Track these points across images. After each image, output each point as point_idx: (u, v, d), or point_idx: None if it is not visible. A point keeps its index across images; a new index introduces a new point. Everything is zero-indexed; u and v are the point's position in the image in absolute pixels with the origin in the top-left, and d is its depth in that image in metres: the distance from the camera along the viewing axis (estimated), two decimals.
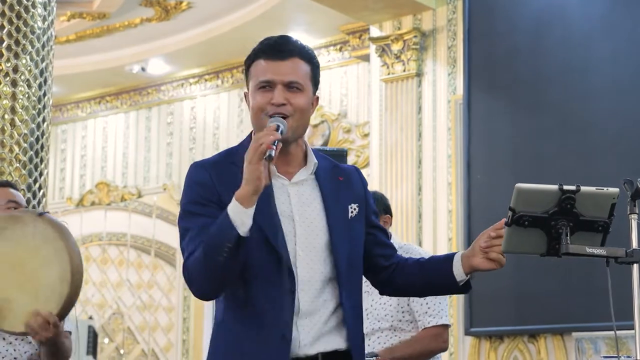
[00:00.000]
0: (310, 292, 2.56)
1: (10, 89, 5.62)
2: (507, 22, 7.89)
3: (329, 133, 10.04)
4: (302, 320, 2.54)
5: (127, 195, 11.63)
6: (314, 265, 2.57)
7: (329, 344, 2.56)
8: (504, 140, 7.69)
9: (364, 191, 2.73)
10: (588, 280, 6.63)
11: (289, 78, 2.57)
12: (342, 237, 2.60)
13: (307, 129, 2.73)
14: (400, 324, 4.05)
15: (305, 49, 2.65)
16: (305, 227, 2.58)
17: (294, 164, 2.63)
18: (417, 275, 2.72)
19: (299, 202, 2.60)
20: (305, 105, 2.58)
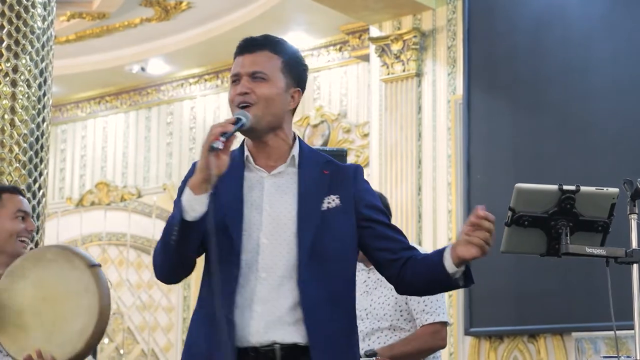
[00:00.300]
0: (269, 280, 2.59)
1: (10, 89, 5.62)
2: (507, 22, 7.88)
3: (329, 133, 10.04)
4: (258, 307, 2.57)
5: (127, 195, 11.63)
6: (278, 254, 2.60)
7: (287, 336, 2.57)
8: (503, 140, 7.68)
9: (353, 185, 2.71)
10: (588, 280, 6.63)
11: (252, 68, 2.67)
12: (308, 228, 2.61)
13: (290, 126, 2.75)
14: (399, 323, 4.06)
15: (279, 43, 2.75)
16: (274, 217, 2.63)
17: (274, 157, 2.70)
18: (420, 273, 2.68)
19: (272, 193, 2.66)
20: (270, 94, 2.65)
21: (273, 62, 2.70)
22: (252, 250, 2.61)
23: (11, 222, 3.73)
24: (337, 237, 2.66)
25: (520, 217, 3.22)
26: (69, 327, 3.34)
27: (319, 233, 2.62)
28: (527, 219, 3.22)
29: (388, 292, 4.06)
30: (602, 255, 3.27)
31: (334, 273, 2.64)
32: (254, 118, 2.63)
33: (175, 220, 2.54)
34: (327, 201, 2.66)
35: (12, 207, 3.75)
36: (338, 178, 2.71)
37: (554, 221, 3.22)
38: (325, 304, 2.60)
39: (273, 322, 2.57)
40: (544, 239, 3.26)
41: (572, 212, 3.21)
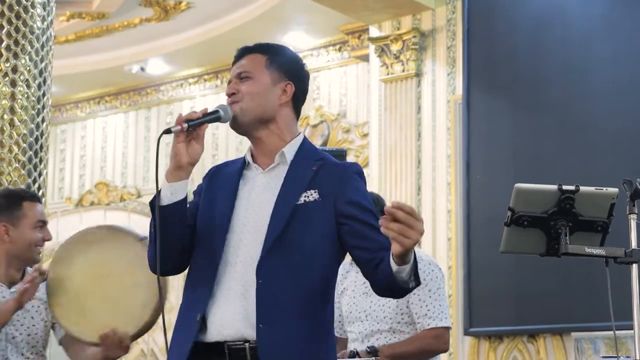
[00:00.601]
0: (245, 275, 2.59)
1: (10, 89, 5.62)
2: (507, 22, 7.88)
3: (328, 133, 10.03)
4: (234, 300, 2.58)
5: (127, 196, 11.63)
6: (252, 249, 2.62)
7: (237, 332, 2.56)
8: (503, 140, 7.68)
9: (340, 180, 2.67)
10: (587, 280, 6.63)
11: (237, 70, 2.81)
12: (278, 221, 2.61)
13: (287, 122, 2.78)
14: (399, 326, 4.05)
15: (267, 44, 2.87)
16: (257, 212, 2.66)
17: (270, 154, 2.74)
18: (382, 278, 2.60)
19: (261, 189, 2.70)
20: (252, 89, 2.73)
21: (257, 61, 2.80)
22: (235, 247, 2.64)
23: (31, 232, 3.80)
24: (308, 230, 2.62)
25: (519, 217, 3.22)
26: (132, 301, 3.44)
27: (289, 225, 2.61)
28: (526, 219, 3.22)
29: None
30: (602, 255, 3.27)
31: (301, 264, 2.60)
32: (240, 111, 2.70)
33: (152, 207, 2.61)
34: (304, 195, 2.65)
35: (33, 217, 3.81)
36: (325, 173, 2.69)
37: (553, 221, 3.22)
38: (282, 293, 2.57)
39: (245, 317, 2.56)
40: (544, 239, 3.26)
41: (571, 212, 3.21)
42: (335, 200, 2.65)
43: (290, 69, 2.80)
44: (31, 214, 3.79)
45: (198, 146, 2.62)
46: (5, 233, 3.76)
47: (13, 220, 3.78)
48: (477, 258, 7.56)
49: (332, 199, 2.65)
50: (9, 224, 3.77)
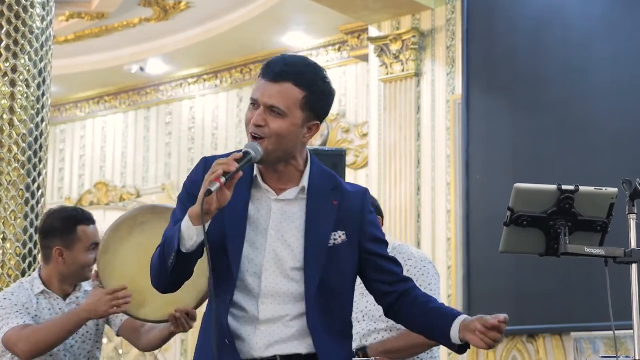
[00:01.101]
0: (272, 305, 2.62)
1: (9, 89, 5.62)
2: (507, 22, 7.88)
3: (328, 133, 10.03)
4: (262, 326, 2.62)
5: (126, 196, 11.62)
6: (280, 282, 2.63)
7: (288, 349, 2.62)
8: (503, 141, 7.68)
9: (360, 217, 2.73)
10: (587, 280, 6.63)
11: (270, 102, 2.59)
12: (316, 264, 2.63)
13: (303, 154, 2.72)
14: (395, 324, 4.04)
15: (305, 74, 2.63)
16: (279, 244, 2.64)
17: (285, 181, 2.68)
18: (418, 319, 2.77)
19: (279, 219, 2.66)
20: (283, 130, 2.59)
21: (293, 97, 2.60)
22: (254, 275, 2.63)
23: (84, 255, 3.87)
24: (341, 272, 2.70)
25: (519, 217, 3.22)
26: None
27: (326, 269, 2.65)
28: (526, 219, 3.22)
29: None
30: (601, 255, 3.27)
31: (338, 305, 2.70)
32: (265, 152, 2.59)
33: (173, 248, 2.54)
34: (333, 237, 2.67)
35: (87, 241, 3.88)
36: (347, 209, 2.71)
37: (552, 221, 3.22)
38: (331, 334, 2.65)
39: (276, 340, 2.62)
40: (543, 239, 3.26)
41: (571, 212, 3.20)
42: (361, 239, 2.73)
43: (323, 109, 2.69)
44: (85, 237, 3.86)
45: (228, 193, 2.50)
46: (60, 256, 3.85)
47: (67, 244, 3.85)
48: (476, 258, 7.56)
49: (357, 238, 2.73)
50: (64, 248, 3.85)
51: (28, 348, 3.67)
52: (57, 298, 3.87)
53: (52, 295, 3.87)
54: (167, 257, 2.57)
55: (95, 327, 3.94)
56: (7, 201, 5.54)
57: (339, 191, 2.72)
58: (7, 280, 5.48)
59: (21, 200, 5.57)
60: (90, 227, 3.90)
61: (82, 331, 3.86)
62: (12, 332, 3.69)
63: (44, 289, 3.86)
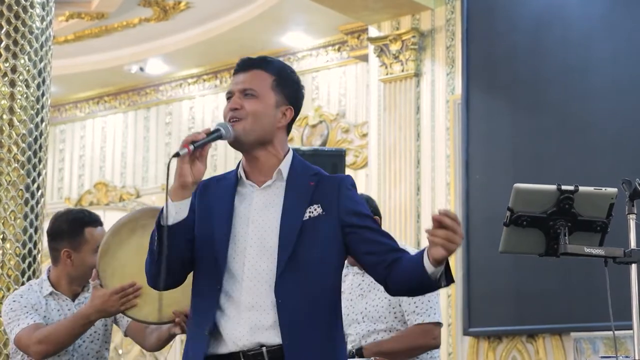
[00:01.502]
0: (254, 289, 2.70)
1: (9, 89, 5.62)
2: (506, 22, 7.88)
3: (328, 133, 10.03)
4: (244, 314, 2.68)
5: (126, 196, 11.62)
6: (261, 264, 2.71)
7: (272, 339, 2.67)
8: (502, 141, 7.68)
9: (337, 193, 2.79)
10: (587, 280, 6.63)
11: (243, 86, 2.80)
12: (288, 237, 2.71)
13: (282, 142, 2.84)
14: (395, 325, 4.04)
15: (272, 62, 2.86)
16: (260, 229, 2.74)
17: (265, 172, 2.81)
18: (406, 274, 2.74)
19: (260, 207, 2.77)
20: (258, 110, 2.77)
21: (264, 80, 2.81)
22: (239, 262, 2.72)
23: (92, 256, 3.87)
24: (317, 244, 2.74)
25: (518, 217, 3.22)
26: None
27: (299, 242, 2.71)
28: (525, 219, 3.22)
29: (382, 294, 4.05)
30: (601, 255, 3.27)
31: (314, 279, 2.73)
32: (242, 131, 2.75)
33: (156, 226, 2.67)
34: (309, 210, 2.75)
35: (94, 243, 3.89)
36: (323, 188, 2.80)
37: (552, 221, 3.22)
38: (301, 310, 2.68)
39: (258, 327, 2.68)
40: (543, 239, 3.26)
41: (570, 212, 3.20)
42: (339, 212, 2.77)
43: (293, 94, 2.86)
44: (92, 239, 3.88)
45: (201, 165, 2.68)
46: (68, 257, 3.88)
47: (75, 246, 3.88)
48: (476, 258, 7.56)
49: (335, 212, 2.77)
50: (71, 249, 3.88)
51: (39, 349, 3.70)
52: (65, 299, 3.90)
53: (61, 297, 3.90)
54: (152, 242, 2.69)
55: (103, 328, 3.97)
56: (7, 201, 5.54)
57: (318, 176, 2.83)
58: (7, 281, 5.48)
59: (21, 201, 5.57)
60: (98, 229, 3.93)
61: (90, 331, 3.88)
62: (23, 332, 3.72)
63: (52, 291, 3.88)
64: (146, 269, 2.78)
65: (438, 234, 2.61)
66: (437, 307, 4.05)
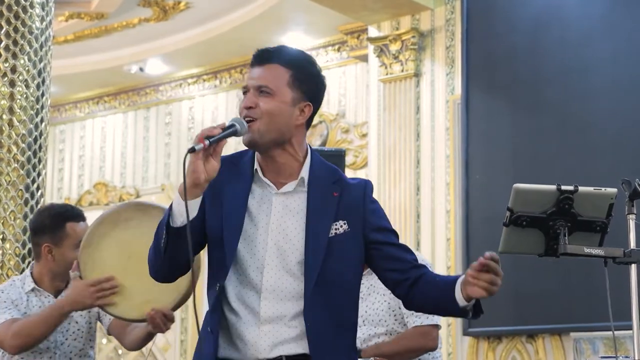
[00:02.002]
0: (273, 301, 2.61)
1: (8, 89, 5.62)
2: (506, 22, 7.88)
3: (327, 133, 10.03)
4: (265, 326, 2.60)
5: (126, 196, 11.62)
6: (282, 277, 2.62)
7: (293, 349, 2.60)
8: (502, 141, 7.68)
9: (362, 207, 2.71)
10: (586, 281, 6.63)
11: (258, 82, 2.65)
12: (316, 255, 2.61)
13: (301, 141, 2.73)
14: (395, 327, 4.04)
15: (290, 55, 2.71)
16: (280, 239, 2.63)
17: (285, 174, 2.68)
18: (430, 297, 2.70)
19: (280, 213, 2.65)
20: (273, 109, 2.62)
21: (280, 76, 2.66)
22: (257, 270, 2.62)
23: (74, 252, 3.82)
24: (343, 263, 2.66)
25: (518, 217, 3.22)
26: None
27: (326, 260, 2.62)
28: (525, 219, 3.22)
29: (381, 297, 4.06)
30: (601, 255, 3.27)
31: (340, 298, 2.66)
32: (257, 133, 2.61)
33: (164, 225, 2.55)
34: (334, 227, 2.66)
35: (75, 238, 3.84)
36: (348, 200, 2.70)
37: (552, 221, 3.22)
38: (329, 329, 2.62)
39: (281, 341, 2.60)
40: (542, 239, 3.26)
41: (570, 212, 3.20)
42: (364, 228, 2.69)
43: (312, 88, 2.71)
44: (74, 234, 3.82)
45: (215, 162, 2.52)
46: (49, 253, 3.83)
47: (56, 241, 3.83)
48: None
49: (360, 228, 2.69)
50: (52, 245, 3.83)
51: (14, 342, 3.65)
52: (47, 295, 3.85)
53: (43, 293, 3.85)
54: (160, 239, 2.57)
55: (87, 325, 3.90)
56: (7, 201, 5.54)
57: (340, 183, 2.72)
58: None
59: (20, 201, 5.57)
60: (80, 224, 3.86)
61: (73, 329, 3.84)
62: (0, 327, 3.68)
63: (34, 287, 3.84)
64: (149, 261, 2.67)
65: (483, 277, 2.59)
66: None
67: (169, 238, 2.54)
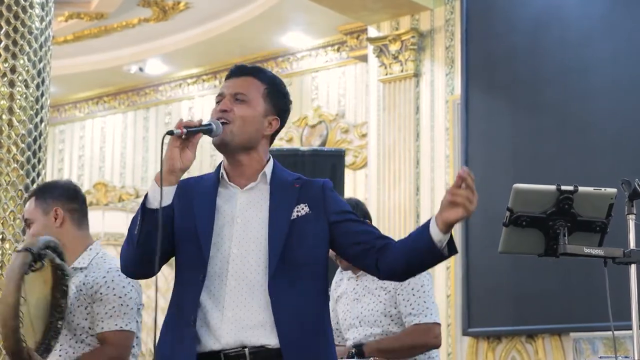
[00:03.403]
0: (239, 288, 2.70)
1: (8, 90, 5.61)
2: (506, 22, 7.88)
3: (327, 133, 10.03)
4: (228, 312, 2.68)
5: (125, 196, 11.62)
6: (247, 263, 2.71)
7: (255, 339, 2.66)
8: (502, 141, 7.68)
9: (322, 195, 2.82)
10: (586, 281, 6.63)
11: (235, 90, 2.84)
12: (278, 237, 2.72)
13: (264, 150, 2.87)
14: (391, 328, 4.04)
15: (266, 73, 2.92)
16: (245, 228, 2.75)
17: (247, 176, 2.83)
18: (402, 251, 2.72)
19: (245, 207, 2.78)
20: (247, 115, 2.81)
21: (256, 87, 2.85)
22: (223, 260, 2.72)
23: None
24: (306, 243, 2.76)
25: (518, 217, 3.22)
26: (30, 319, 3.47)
27: (289, 241, 2.73)
28: (525, 219, 3.22)
29: (376, 298, 4.06)
30: (600, 255, 3.27)
31: (304, 278, 2.74)
32: (230, 135, 2.77)
33: (140, 210, 2.67)
34: (296, 210, 2.79)
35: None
36: (308, 189, 2.83)
37: (552, 221, 3.22)
38: (295, 309, 2.69)
39: (242, 326, 2.67)
40: (542, 239, 3.26)
41: (570, 213, 3.20)
42: (325, 212, 2.80)
43: (281, 106, 2.89)
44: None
45: (191, 153, 2.69)
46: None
47: None
48: (475, 258, 7.56)
49: (322, 212, 2.80)
50: None
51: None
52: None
53: None
54: (134, 228, 2.68)
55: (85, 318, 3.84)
56: (6, 202, 5.54)
57: (300, 180, 2.87)
58: None
59: (20, 201, 5.57)
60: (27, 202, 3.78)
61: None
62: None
63: None
64: (122, 254, 2.77)
65: (461, 192, 2.54)
66: (433, 308, 4.05)
67: (144, 221, 2.65)
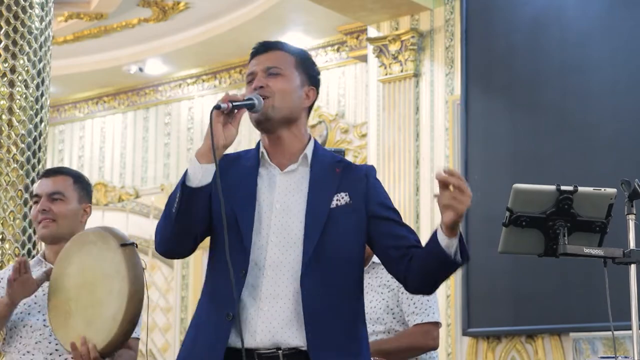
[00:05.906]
0: (276, 278, 2.60)
1: (8, 90, 5.62)
2: (505, 23, 7.88)
3: (327, 133, 10.03)
4: (265, 305, 2.58)
5: (125, 196, 11.62)
6: (285, 252, 2.61)
7: (290, 340, 2.56)
8: (501, 141, 7.68)
9: (365, 183, 2.72)
10: (586, 281, 6.63)
11: (267, 64, 2.73)
12: (315, 226, 2.62)
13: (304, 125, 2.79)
14: (394, 326, 4.04)
15: (290, 45, 2.83)
16: (284, 215, 2.64)
17: (288, 155, 2.71)
18: (422, 260, 2.65)
19: (284, 191, 2.67)
20: (285, 87, 2.70)
21: (287, 59, 2.76)
22: (261, 247, 2.62)
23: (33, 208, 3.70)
24: (343, 234, 2.65)
25: (517, 217, 3.22)
26: (104, 313, 3.32)
27: (325, 231, 2.62)
28: (524, 220, 3.22)
29: (379, 296, 4.06)
30: (600, 255, 3.27)
31: (339, 270, 2.64)
32: (271, 109, 2.66)
33: (179, 187, 2.55)
34: (336, 198, 2.67)
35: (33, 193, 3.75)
36: (350, 176, 2.73)
37: (551, 221, 3.22)
38: (326, 303, 2.59)
39: (277, 323, 2.57)
40: (542, 240, 3.26)
41: (569, 213, 3.20)
42: (367, 202, 2.70)
43: (314, 75, 2.82)
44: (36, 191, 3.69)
45: (234, 129, 2.58)
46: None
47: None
48: (475, 258, 7.53)
49: (363, 202, 2.69)
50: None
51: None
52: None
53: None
54: (172, 204, 2.57)
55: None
56: (6, 202, 5.55)
57: (342, 163, 2.76)
58: None
59: (20, 201, 5.57)
60: (42, 180, 3.70)
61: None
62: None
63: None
64: (157, 230, 2.64)
65: (445, 194, 2.51)
66: (435, 307, 4.05)
67: (183, 198, 2.54)
